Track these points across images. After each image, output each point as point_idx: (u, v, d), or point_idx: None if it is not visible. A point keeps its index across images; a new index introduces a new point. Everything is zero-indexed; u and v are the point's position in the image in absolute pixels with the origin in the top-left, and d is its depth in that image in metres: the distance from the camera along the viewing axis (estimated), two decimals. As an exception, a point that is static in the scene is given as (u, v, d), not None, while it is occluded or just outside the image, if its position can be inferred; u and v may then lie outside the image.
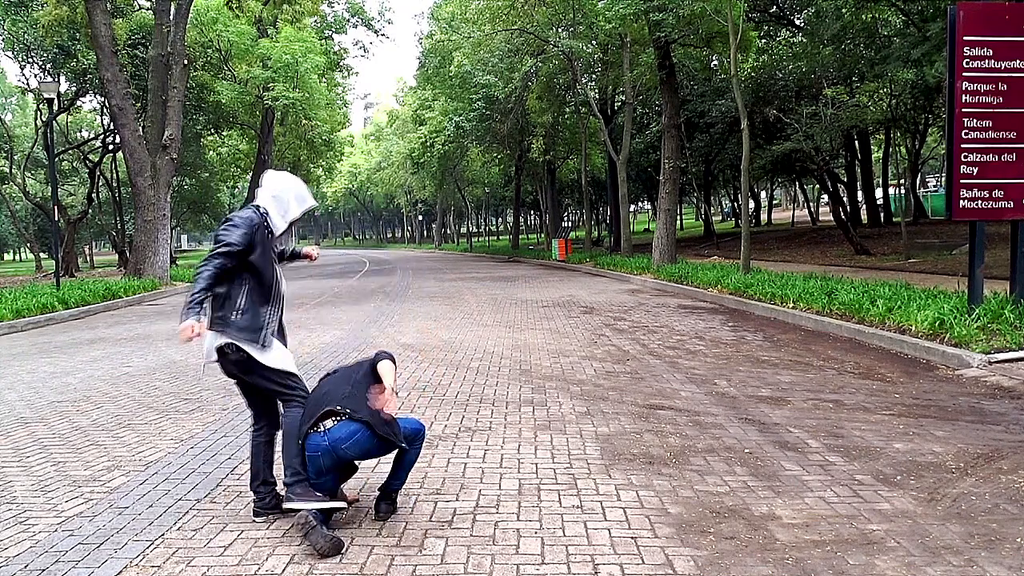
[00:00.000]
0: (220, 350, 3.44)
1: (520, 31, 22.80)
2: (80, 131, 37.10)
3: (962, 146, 7.46)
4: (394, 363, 3.57)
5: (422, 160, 34.57)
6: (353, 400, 3.42)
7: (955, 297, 8.32)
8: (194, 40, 23.88)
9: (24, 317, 12.57)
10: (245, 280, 3.48)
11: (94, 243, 61.14)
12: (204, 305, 3.34)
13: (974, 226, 7.67)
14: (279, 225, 3.60)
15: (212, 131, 32.63)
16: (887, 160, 29.41)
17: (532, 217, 66.59)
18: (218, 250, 3.38)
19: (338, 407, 3.38)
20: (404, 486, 3.69)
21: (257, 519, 3.62)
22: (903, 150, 28.18)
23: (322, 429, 3.37)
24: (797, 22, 22.26)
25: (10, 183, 34.95)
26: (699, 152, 27.21)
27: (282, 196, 3.60)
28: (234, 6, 26.33)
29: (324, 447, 3.34)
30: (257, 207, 3.59)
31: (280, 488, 3.72)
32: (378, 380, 3.57)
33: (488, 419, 5.36)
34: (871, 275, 12.97)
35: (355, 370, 3.62)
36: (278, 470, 3.72)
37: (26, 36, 24.69)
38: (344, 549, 3.25)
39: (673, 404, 5.62)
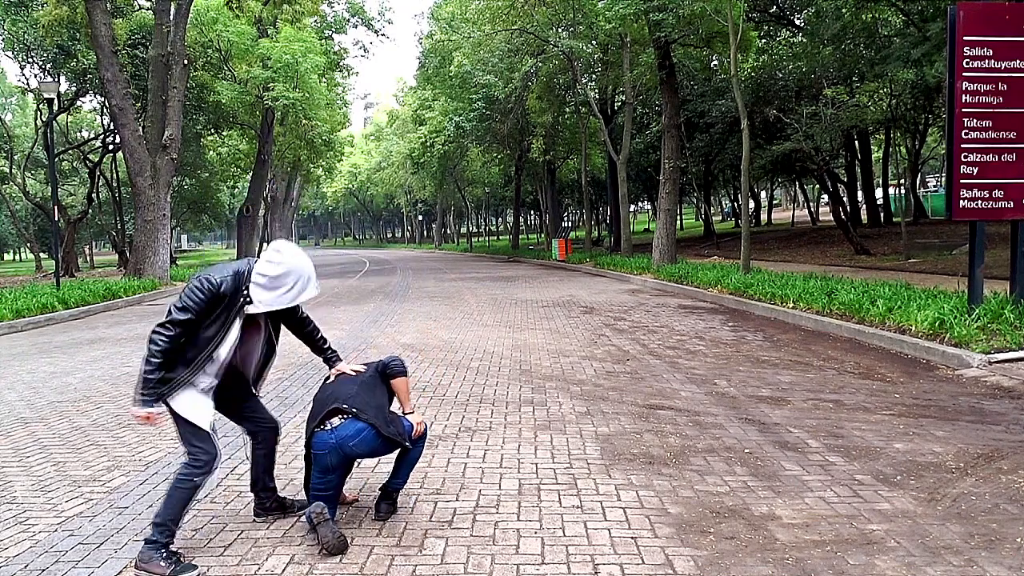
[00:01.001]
0: None
1: (520, 31, 22.79)
2: (80, 131, 37.07)
3: (962, 146, 7.46)
4: (407, 374, 3.67)
5: (422, 160, 34.57)
6: (359, 399, 3.43)
7: (955, 297, 8.32)
8: (194, 40, 23.87)
9: (24, 317, 12.56)
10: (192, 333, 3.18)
11: (94, 243, 61.11)
12: (158, 388, 3.11)
13: (974, 226, 7.67)
14: (264, 304, 3.22)
15: (212, 131, 32.61)
16: (887, 160, 29.40)
17: (532, 217, 66.59)
18: (172, 318, 3.11)
19: (344, 405, 3.39)
20: (405, 486, 3.69)
21: (257, 519, 3.63)
22: (903, 150, 28.17)
23: (329, 427, 3.37)
24: (797, 22, 22.26)
25: (10, 183, 34.94)
26: (699, 152, 27.20)
27: (288, 279, 3.21)
28: (234, 6, 26.31)
29: (331, 444, 3.34)
30: (242, 271, 3.24)
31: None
32: (386, 381, 3.63)
33: (488, 419, 5.36)
34: (871, 275, 12.97)
35: (365, 369, 3.66)
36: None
37: (26, 36, 24.67)
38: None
39: (673, 404, 5.62)
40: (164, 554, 3.09)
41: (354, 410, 3.37)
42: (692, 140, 25.71)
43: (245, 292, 3.21)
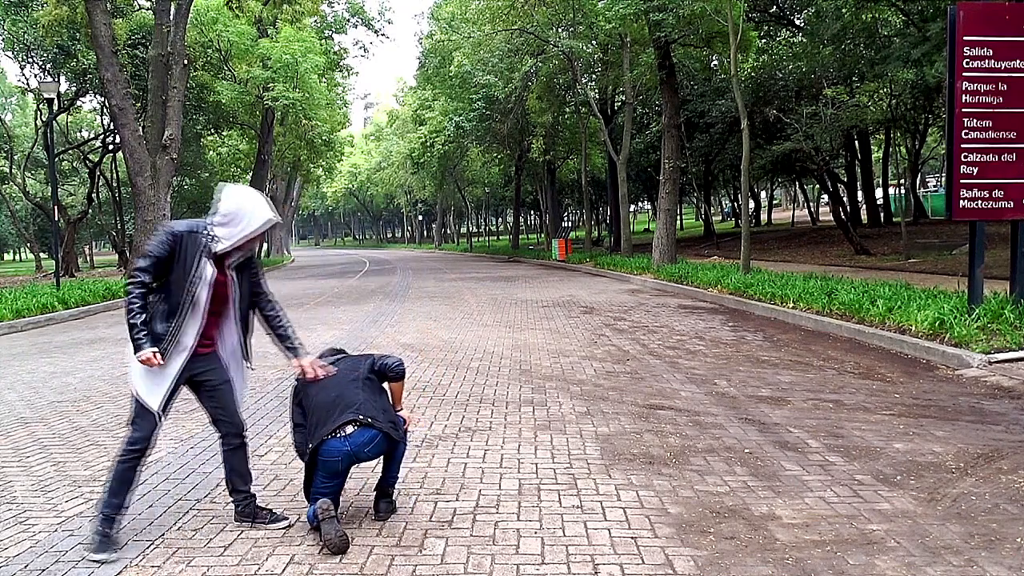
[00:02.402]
0: None
1: (520, 31, 22.79)
2: (80, 131, 37.07)
3: (962, 146, 7.46)
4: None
5: (422, 160, 34.57)
6: (369, 406, 3.45)
7: (955, 297, 8.32)
8: (194, 40, 23.86)
9: (24, 317, 12.57)
10: (162, 291, 3.38)
11: (94, 243, 61.13)
12: (147, 328, 3.31)
13: (974, 226, 7.67)
14: (229, 240, 3.35)
15: (212, 131, 32.62)
16: (887, 160, 29.40)
17: (532, 217, 66.58)
18: (136, 265, 3.34)
19: (360, 416, 3.39)
20: (405, 486, 3.70)
21: (242, 523, 3.62)
22: (903, 150, 28.17)
23: (342, 435, 3.36)
24: (797, 22, 22.27)
25: (10, 183, 34.93)
26: (699, 152, 27.21)
27: (238, 211, 3.36)
28: (234, 6, 26.31)
29: (345, 452, 3.35)
30: (199, 221, 3.44)
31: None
32: (382, 381, 3.65)
33: (488, 419, 5.36)
34: (871, 275, 12.97)
35: (355, 368, 3.61)
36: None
37: (26, 36, 24.67)
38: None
39: (673, 404, 5.62)
40: (102, 530, 3.28)
41: (369, 420, 3.39)
42: (692, 140, 25.72)
43: (206, 232, 3.36)
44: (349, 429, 3.36)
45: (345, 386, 3.52)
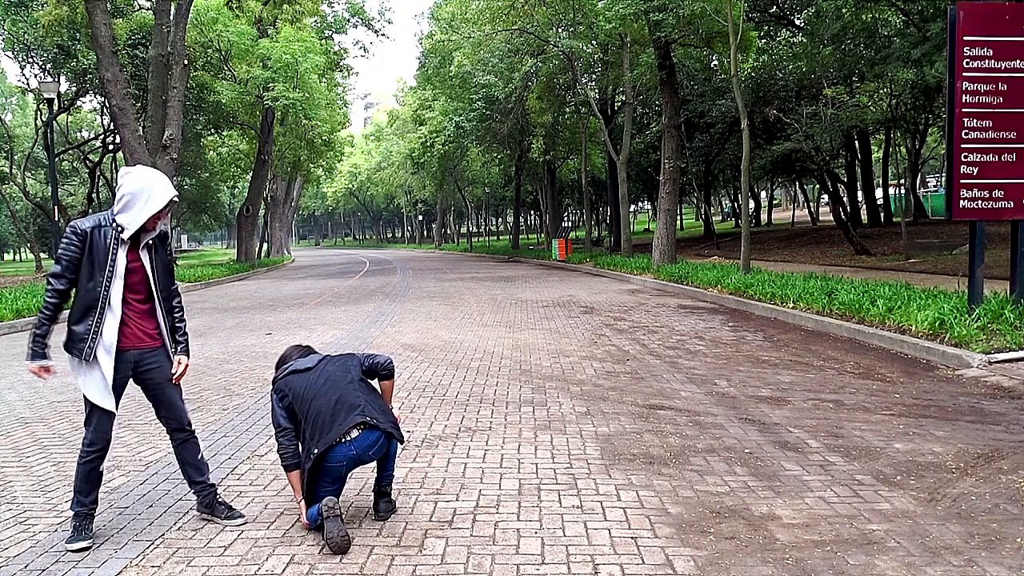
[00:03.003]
0: None
1: (520, 31, 22.79)
2: (80, 131, 37.08)
3: (962, 146, 7.46)
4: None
5: (422, 160, 34.57)
6: (371, 408, 3.47)
7: (955, 297, 8.31)
8: (194, 40, 23.86)
9: (24, 317, 12.57)
10: (77, 291, 3.39)
11: (94, 243, 61.02)
12: (47, 341, 3.38)
13: (974, 226, 7.67)
14: (133, 222, 3.34)
15: (212, 131, 32.61)
16: (887, 160, 29.40)
17: (532, 217, 66.57)
18: (52, 270, 3.38)
19: (368, 419, 3.40)
20: (405, 486, 3.70)
21: (202, 515, 3.65)
22: (903, 150, 28.17)
23: (348, 439, 3.36)
24: (797, 22, 22.27)
25: (10, 183, 34.92)
26: (699, 152, 27.20)
27: (137, 192, 3.34)
28: (234, 6, 26.32)
29: (351, 456, 3.36)
30: (103, 214, 3.44)
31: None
32: (372, 379, 3.69)
33: (488, 419, 5.36)
34: (871, 275, 12.97)
35: (347, 370, 3.60)
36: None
37: (26, 36, 24.67)
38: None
39: (673, 404, 5.62)
40: (76, 523, 3.39)
41: (375, 421, 3.40)
42: (692, 140, 25.72)
43: (114, 225, 3.36)
44: (354, 433, 3.37)
45: (343, 388, 3.50)
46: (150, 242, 3.47)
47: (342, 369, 3.60)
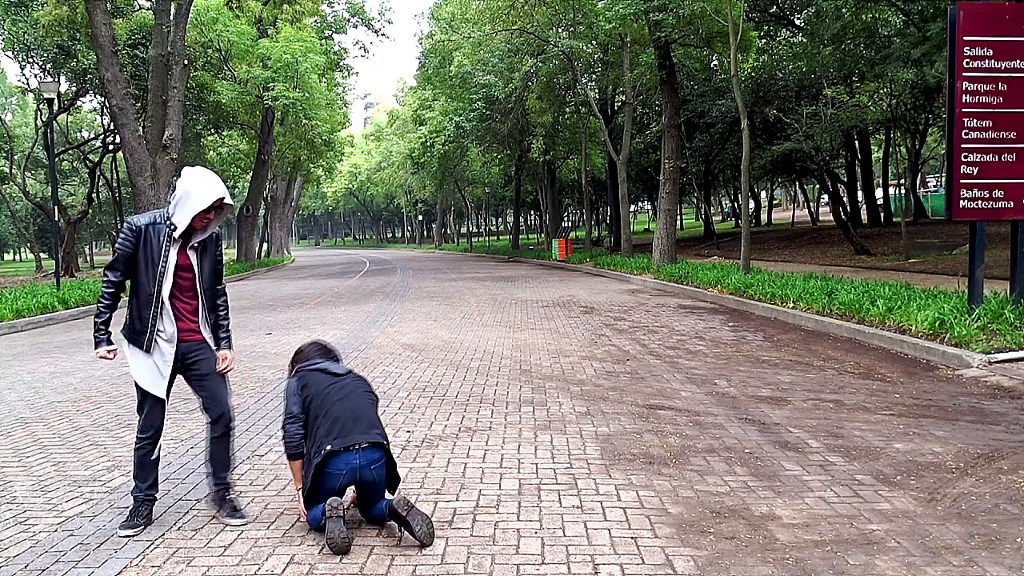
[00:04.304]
0: None
1: (520, 31, 22.79)
2: (80, 131, 37.07)
3: (962, 146, 7.45)
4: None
5: (422, 160, 34.57)
6: (382, 429, 3.57)
7: (955, 297, 8.31)
8: (194, 40, 23.86)
9: (24, 317, 12.57)
10: (134, 285, 3.57)
11: (94, 243, 61.13)
12: (109, 327, 3.56)
13: (974, 226, 7.67)
14: (182, 221, 3.46)
15: (212, 131, 32.61)
16: (887, 160, 29.40)
17: (532, 217, 66.57)
18: (108, 264, 3.57)
19: (384, 442, 3.47)
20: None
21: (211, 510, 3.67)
22: (903, 150, 28.17)
23: (357, 448, 3.37)
24: (797, 22, 22.27)
25: (10, 183, 34.93)
26: (699, 152, 27.20)
27: (187, 192, 3.46)
28: (234, 6, 26.32)
29: (353, 466, 3.36)
30: (159, 211, 3.59)
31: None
32: None
33: (488, 419, 5.36)
34: (871, 275, 12.97)
35: (363, 385, 3.68)
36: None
37: (26, 36, 24.66)
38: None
39: (673, 404, 5.62)
40: (134, 508, 3.56)
41: (385, 442, 3.49)
42: (692, 140, 25.72)
43: (167, 223, 3.51)
44: (365, 445, 3.40)
45: (359, 399, 3.56)
46: (199, 243, 3.59)
47: (365, 387, 3.68)
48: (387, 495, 3.51)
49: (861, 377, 6.44)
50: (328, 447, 3.34)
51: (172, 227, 3.49)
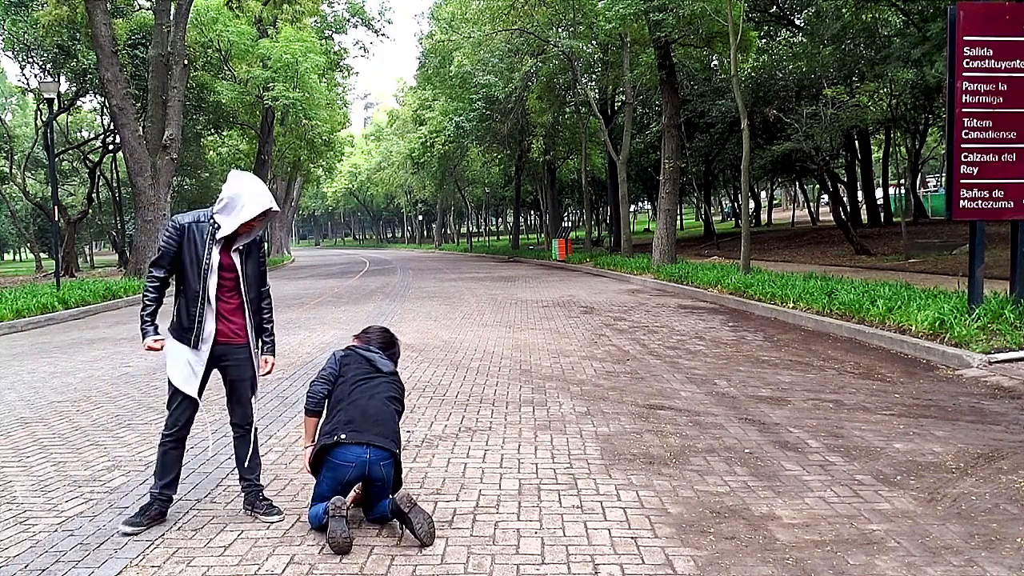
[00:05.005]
0: None
1: (520, 31, 22.79)
2: (80, 131, 37.07)
3: (962, 146, 7.45)
4: None
5: (422, 160, 34.57)
6: (398, 438, 3.58)
7: (955, 297, 8.31)
8: (194, 40, 23.87)
9: (24, 317, 12.56)
10: (179, 284, 3.59)
11: (94, 243, 61.15)
12: (155, 319, 3.56)
13: (974, 226, 7.67)
14: (228, 225, 3.50)
15: (212, 131, 32.63)
16: (887, 160, 29.39)
17: (532, 217, 66.57)
18: (152, 260, 3.64)
19: (396, 450, 3.48)
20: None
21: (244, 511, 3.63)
22: (903, 150, 28.16)
23: (368, 445, 3.39)
24: (797, 22, 22.26)
25: (10, 183, 34.92)
26: (699, 152, 27.20)
27: (235, 197, 3.48)
28: (234, 6, 26.33)
29: (362, 460, 3.37)
30: (203, 211, 3.63)
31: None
32: None
33: (488, 419, 5.36)
34: (871, 275, 12.97)
35: (391, 390, 3.69)
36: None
37: (26, 36, 24.66)
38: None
39: (673, 404, 5.62)
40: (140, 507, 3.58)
41: (397, 451, 3.50)
42: (692, 140, 25.71)
43: (211, 221, 3.53)
44: (378, 444, 3.42)
45: (383, 406, 3.56)
46: (242, 247, 3.61)
47: (395, 394, 3.68)
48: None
49: (861, 377, 6.44)
50: (343, 435, 3.38)
51: (216, 226, 3.51)
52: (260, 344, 3.75)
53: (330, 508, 3.24)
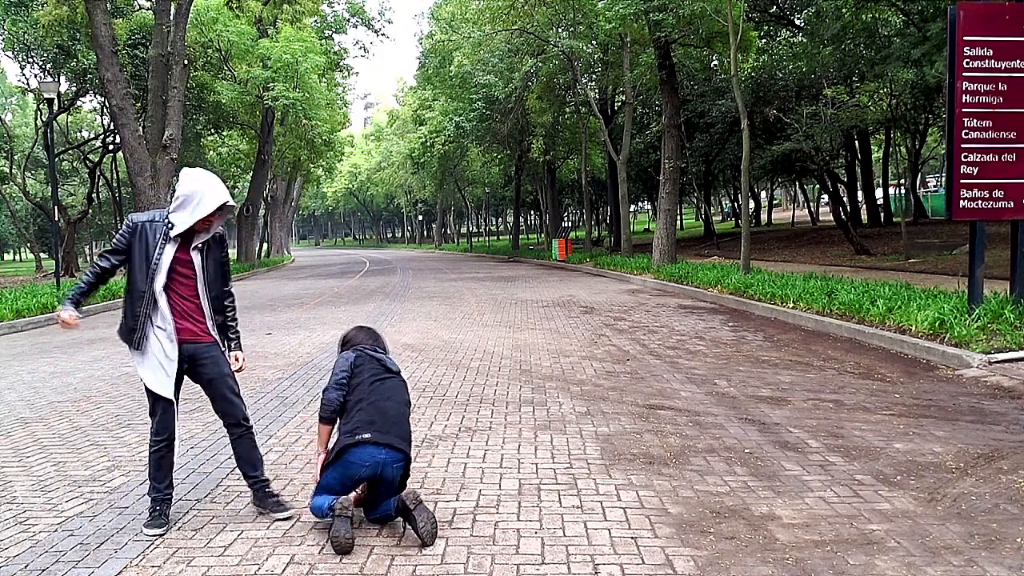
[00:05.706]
0: None
1: (520, 31, 22.79)
2: (80, 131, 37.06)
3: (962, 146, 7.45)
4: None
5: (422, 160, 34.56)
6: (410, 439, 3.61)
7: (955, 297, 8.31)
8: (194, 40, 23.85)
9: (24, 317, 12.57)
10: (128, 281, 3.58)
11: (94, 243, 61.08)
12: (81, 301, 3.59)
13: (974, 226, 7.67)
14: (184, 222, 3.47)
15: (212, 131, 32.60)
16: (887, 160, 29.39)
17: (532, 217, 66.56)
18: (102, 251, 3.69)
19: (407, 449, 3.50)
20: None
21: (262, 512, 3.62)
22: (903, 150, 28.17)
23: (385, 445, 3.40)
24: (797, 22, 22.26)
25: (10, 183, 34.92)
26: (699, 152, 27.20)
27: (191, 194, 3.46)
28: (234, 6, 26.31)
29: (377, 461, 3.37)
30: (158, 211, 3.63)
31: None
32: None
33: (488, 419, 5.36)
34: (871, 275, 12.97)
35: (404, 393, 3.71)
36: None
37: (26, 36, 24.65)
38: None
39: (673, 404, 5.62)
40: (152, 508, 3.56)
41: (409, 454, 3.52)
42: (692, 140, 25.71)
43: (166, 221, 3.53)
44: (397, 445, 3.44)
45: (400, 408, 3.58)
46: (202, 244, 3.59)
47: (405, 396, 3.70)
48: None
49: (861, 377, 6.44)
50: (367, 435, 3.38)
51: (169, 225, 3.50)
52: (226, 342, 3.74)
53: (337, 507, 3.24)
